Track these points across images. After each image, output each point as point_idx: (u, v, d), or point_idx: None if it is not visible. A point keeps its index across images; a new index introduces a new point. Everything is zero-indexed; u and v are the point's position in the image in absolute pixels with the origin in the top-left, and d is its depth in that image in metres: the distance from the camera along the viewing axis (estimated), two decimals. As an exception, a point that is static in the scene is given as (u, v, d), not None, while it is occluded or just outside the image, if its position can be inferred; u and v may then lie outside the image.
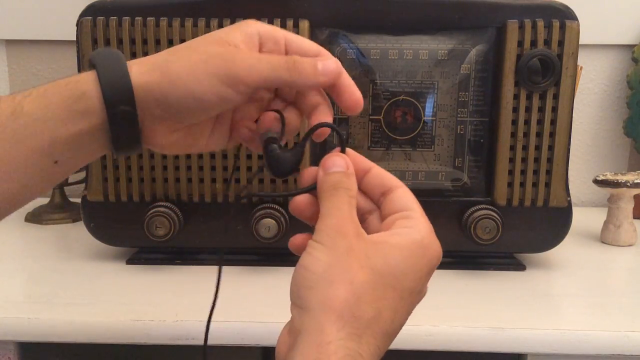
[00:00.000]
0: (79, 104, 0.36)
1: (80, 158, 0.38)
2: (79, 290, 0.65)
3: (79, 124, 0.36)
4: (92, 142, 0.38)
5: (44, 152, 0.36)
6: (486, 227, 0.68)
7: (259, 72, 0.37)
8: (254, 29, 0.40)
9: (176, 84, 0.37)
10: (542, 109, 0.68)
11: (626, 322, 0.58)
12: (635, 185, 0.79)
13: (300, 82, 0.39)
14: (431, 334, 0.57)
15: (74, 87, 0.36)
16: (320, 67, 0.38)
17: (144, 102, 0.37)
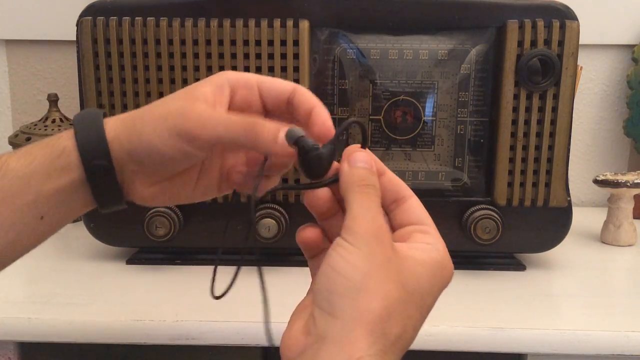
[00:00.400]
0: (60, 160, 0.37)
1: (65, 213, 0.39)
2: (79, 290, 0.65)
3: (61, 180, 0.37)
4: (75, 197, 0.39)
5: (30, 208, 0.37)
6: (486, 227, 0.68)
7: (213, 130, 0.37)
8: (224, 79, 0.39)
9: (141, 139, 0.37)
10: (542, 109, 0.68)
11: (626, 322, 0.58)
12: (635, 185, 0.79)
13: (257, 147, 0.37)
14: (431, 334, 0.57)
15: (56, 144, 0.38)
16: (280, 139, 0.36)
17: (119, 156, 0.38)
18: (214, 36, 0.66)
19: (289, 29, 0.66)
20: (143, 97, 0.67)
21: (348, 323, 0.31)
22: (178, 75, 0.67)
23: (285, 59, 0.66)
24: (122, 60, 0.67)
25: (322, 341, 0.32)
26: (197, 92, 0.38)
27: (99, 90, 0.68)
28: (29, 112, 1.03)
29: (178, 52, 0.66)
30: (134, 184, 0.40)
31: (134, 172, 0.39)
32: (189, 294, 0.64)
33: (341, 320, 0.31)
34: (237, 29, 0.66)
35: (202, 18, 0.66)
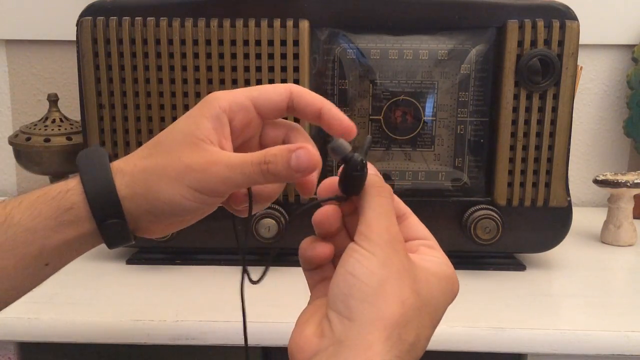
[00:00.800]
0: (68, 215, 0.37)
1: (70, 258, 0.40)
2: (79, 290, 0.65)
3: (69, 233, 0.38)
4: (82, 245, 0.40)
5: (34, 259, 0.38)
6: (486, 227, 0.68)
7: (234, 182, 0.37)
8: (218, 109, 0.39)
9: (160, 198, 0.38)
10: (542, 109, 0.68)
11: (626, 322, 0.58)
12: (635, 185, 0.79)
13: (276, 182, 0.39)
14: (431, 334, 0.57)
15: (63, 199, 0.38)
16: (293, 163, 0.37)
17: (134, 212, 0.38)
18: (214, 36, 0.66)
19: (289, 29, 0.66)
20: (143, 97, 0.67)
21: (366, 327, 0.31)
22: (178, 75, 0.67)
23: (285, 59, 0.66)
24: (122, 60, 0.67)
25: (339, 344, 0.32)
26: (200, 134, 0.38)
27: (99, 90, 0.68)
28: (29, 112, 1.03)
29: (178, 52, 0.66)
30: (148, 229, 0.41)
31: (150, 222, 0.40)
32: (189, 294, 0.64)
33: (359, 323, 0.32)
34: (237, 29, 0.66)
35: (202, 18, 0.66)
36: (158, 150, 0.39)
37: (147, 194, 0.38)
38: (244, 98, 0.40)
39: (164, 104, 0.68)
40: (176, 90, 0.67)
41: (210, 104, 0.39)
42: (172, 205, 0.38)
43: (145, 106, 0.68)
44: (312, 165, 0.37)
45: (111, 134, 0.68)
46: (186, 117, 0.40)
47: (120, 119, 0.68)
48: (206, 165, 0.37)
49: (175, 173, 0.38)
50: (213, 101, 0.39)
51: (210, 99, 0.40)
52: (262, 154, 0.37)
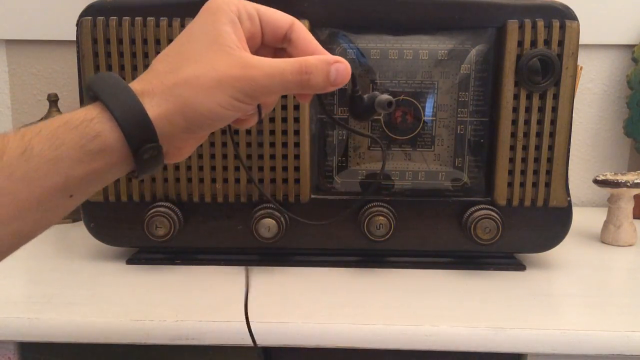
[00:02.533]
0: (94, 144, 0.36)
1: (95, 188, 0.39)
2: (79, 290, 0.65)
3: (95, 163, 0.36)
4: (110, 174, 0.38)
5: (58, 190, 0.36)
6: (486, 227, 0.68)
7: (273, 89, 0.38)
8: (231, 13, 0.39)
9: (199, 108, 0.37)
10: (542, 109, 0.68)
11: (626, 322, 0.58)
12: (635, 185, 0.79)
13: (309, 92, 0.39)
14: (431, 334, 0.57)
15: (87, 127, 0.36)
16: (332, 77, 0.38)
17: (168, 133, 0.37)
18: (214, 36, 0.66)
19: (289, 29, 0.66)
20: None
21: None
22: (178, 75, 0.67)
23: (285, 59, 0.66)
24: (122, 60, 0.67)
25: None
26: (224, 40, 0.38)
27: (99, 90, 0.68)
28: (29, 112, 1.03)
29: (178, 52, 0.66)
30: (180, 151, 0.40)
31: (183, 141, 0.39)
32: (189, 294, 0.64)
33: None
34: (237, 29, 0.66)
35: (202, 18, 0.66)
36: (184, 61, 0.38)
37: (183, 109, 0.37)
38: (252, 8, 0.40)
39: (164, 104, 0.68)
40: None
41: (222, 9, 0.39)
42: (212, 116, 0.37)
43: (145, 106, 0.68)
44: (348, 78, 0.39)
45: (111, 134, 0.68)
46: (202, 24, 0.39)
47: (120, 119, 0.68)
48: (244, 73, 0.37)
49: (213, 82, 0.37)
50: (223, 5, 0.39)
51: (220, 2, 0.40)
52: (300, 64, 0.38)
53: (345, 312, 0.60)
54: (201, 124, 0.38)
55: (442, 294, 0.65)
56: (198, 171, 0.69)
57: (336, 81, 0.38)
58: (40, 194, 0.35)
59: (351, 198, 0.70)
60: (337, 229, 0.71)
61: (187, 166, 0.69)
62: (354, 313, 0.60)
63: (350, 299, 0.63)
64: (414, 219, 0.70)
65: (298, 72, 0.38)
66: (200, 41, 0.38)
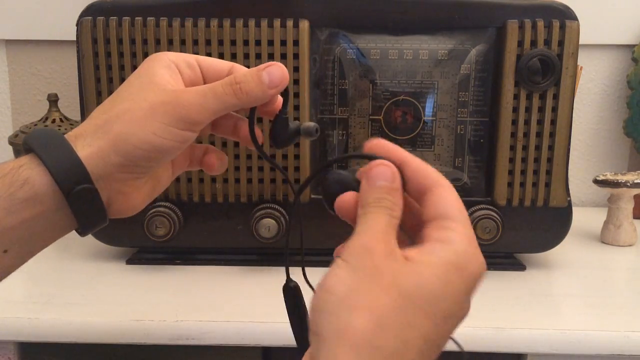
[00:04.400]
0: (23, 191, 0.34)
1: (34, 244, 0.37)
2: (79, 290, 0.65)
3: (25, 212, 0.34)
4: (46, 227, 0.36)
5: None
6: (486, 227, 0.68)
7: (209, 109, 0.36)
8: (168, 60, 0.39)
9: (132, 141, 0.35)
10: (542, 109, 0.68)
11: (626, 322, 0.58)
12: (635, 185, 0.79)
13: (250, 102, 0.38)
14: (431, 334, 0.57)
15: (16, 174, 0.34)
16: (266, 79, 0.37)
17: (103, 173, 0.36)
18: (214, 36, 0.66)
19: (289, 29, 0.66)
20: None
21: (332, 342, 0.28)
22: (178, 75, 0.67)
23: (285, 59, 0.66)
24: (122, 60, 0.67)
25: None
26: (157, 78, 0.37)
27: (99, 90, 0.68)
28: (29, 112, 1.03)
29: (178, 52, 0.66)
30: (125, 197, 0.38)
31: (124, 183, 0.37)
32: (189, 294, 0.64)
33: (326, 340, 0.28)
34: (237, 29, 0.66)
35: (202, 18, 0.66)
36: (116, 102, 0.37)
37: (115, 144, 0.35)
38: (190, 57, 0.40)
39: (164, 104, 0.68)
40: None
41: (158, 58, 0.39)
42: (147, 147, 0.35)
43: (145, 106, 0.68)
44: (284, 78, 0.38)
45: (111, 134, 0.68)
46: (139, 72, 0.38)
47: (120, 119, 0.68)
48: (175, 97, 0.36)
49: (144, 112, 0.35)
50: (162, 55, 0.39)
51: (158, 54, 0.39)
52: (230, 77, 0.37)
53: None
54: (136, 157, 0.36)
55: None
56: (198, 171, 0.69)
57: (272, 82, 0.37)
58: None
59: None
60: (337, 229, 0.71)
61: (187, 166, 0.69)
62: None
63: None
64: (414, 219, 0.70)
65: (229, 83, 0.37)
66: (135, 84, 0.38)
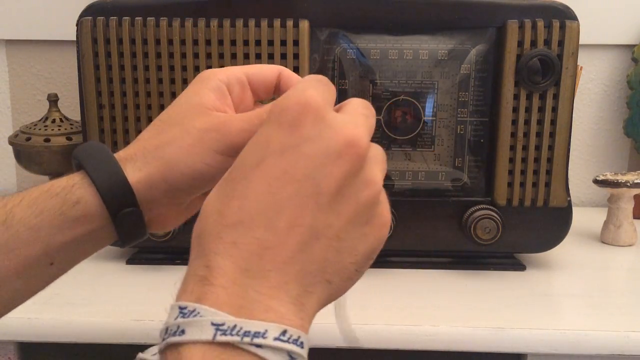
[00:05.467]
0: (75, 211, 0.35)
1: (78, 257, 0.38)
2: (79, 290, 0.65)
3: (76, 230, 0.36)
4: (91, 243, 0.37)
5: (38, 258, 0.35)
6: (486, 227, 0.68)
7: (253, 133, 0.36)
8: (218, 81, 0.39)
9: (180, 168, 0.36)
10: (542, 109, 0.68)
11: (626, 322, 0.58)
12: (635, 185, 0.79)
13: None
14: (431, 334, 0.57)
15: (69, 194, 0.35)
16: None
17: (149, 197, 0.37)
18: (214, 36, 0.66)
19: (289, 29, 0.66)
20: (143, 97, 0.67)
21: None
22: (178, 75, 0.67)
23: (285, 59, 0.66)
24: (122, 60, 0.67)
25: None
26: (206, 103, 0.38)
27: (99, 90, 0.68)
28: (29, 112, 1.03)
29: (178, 52, 0.66)
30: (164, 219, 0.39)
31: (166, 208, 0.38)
32: (189, 294, 0.64)
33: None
34: (237, 29, 0.66)
35: (202, 18, 0.66)
36: (166, 126, 0.38)
37: (164, 171, 0.36)
38: (239, 73, 0.40)
39: (164, 104, 0.68)
40: (176, 91, 0.67)
41: (208, 78, 0.39)
42: (194, 174, 0.36)
43: (146, 106, 0.68)
44: None
45: (111, 134, 0.68)
46: (187, 92, 0.39)
47: (120, 119, 0.68)
48: (221, 125, 0.36)
49: (192, 140, 0.36)
50: (211, 75, 0.39)
51: (208, 73, 0.39)
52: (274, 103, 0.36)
53: (345, 312, 0.60)
54: (181, 183, 0.37)
55: (442, 294, 0.65)
56: (198, 171, 0.69)
57: None
58: (18, 263, 0.35)
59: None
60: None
61: (187, 166, 0.69)
62: (354, 313, 0.59)
63: (350, 299, 0.63)
64: (414, 219, 0.70)
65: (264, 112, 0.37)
66: (183, 107, 0.38)
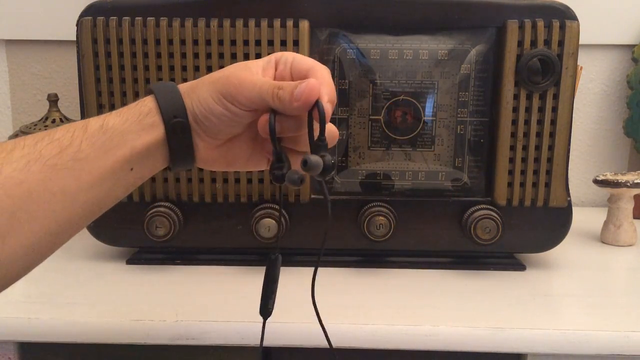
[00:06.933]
0: (147, 119, 0.43)
1: (147, 168, 0.44)
2: (79, 290, 0.65)
3: (149, 136, 0.43)
4: (156, 154, 0.44)
5: (125, 160, 0.42)
6: (486, 227, 0.68)
7: (249, 95, 0.43)
8: (273, 56, 0.47)
9: (198, 96, 0.44)
10: (542, 109, 0.68)
11: (626, 322, 0.58)
12: (635, 185, 0.79)
13: (281, 108, 0.43)
14: (431, 334, 0.57)
15: (142, 106, 0.43)
16: (296, 92, 0.42)
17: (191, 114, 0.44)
18: (214, 36, 0.66)
19: (289, 29, 0.66)
20: (143, 97, 0.67)
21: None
22: (178, 75, 0.67)
23: (285, 59, 0.66)
24: (122, 60, 0.67)
25: None
26: (251, 64, 0.45)
27: (99, 90, 0.68)
28: (29, 112, 1.03)
29: (178, 52, 0.66)
30: (197, 146, 0.45)
31: (196, 134, 0.44)
32: (189, 294, 0.64)
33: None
34: (237, 29, 0.66)
35: (202, 18, 0.66)
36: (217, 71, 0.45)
37: (192, 99, 0.44)
38: (290, 56, 0.46)
39: (164, 104, 0.68)
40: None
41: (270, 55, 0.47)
42: (206, 109, 0.43)
43: (145, 106, 0.68)
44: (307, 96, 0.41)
45: (111, 134, 0.68)
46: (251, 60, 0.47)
47: (120, 119, 0.68)
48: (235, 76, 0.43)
49: (211, 81, 0.44)
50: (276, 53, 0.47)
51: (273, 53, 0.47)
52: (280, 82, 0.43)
53: (346, 312, 0.60)
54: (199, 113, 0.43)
55: (442, 294, 0.65)
56: (198, 171, 0.69)
57: (298, 96, 0.41)
58: (113, 162, 0.41)
59: (351, 198, 0.70)
60: (337, 229, 0.71)
61: (187, 166, 0.69)
62: (354, 313, 0.60)
63: (351, 299, 0.63)
64: (414, 219, 0.70)
65: (274, 86, 0.42)
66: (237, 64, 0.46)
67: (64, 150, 0.40)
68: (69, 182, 0.40)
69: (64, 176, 0.40)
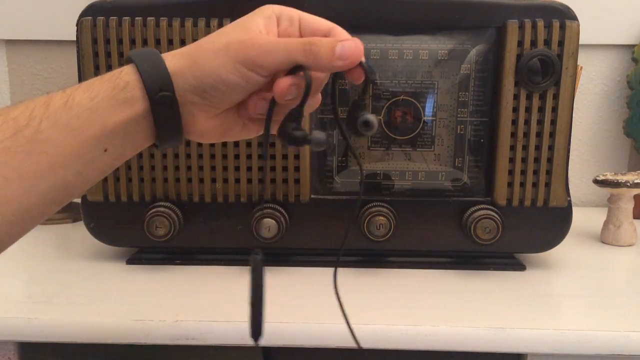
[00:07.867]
0: (124, 93, 0.39)
1: (127, 147, 0.41)
2: (79, 290, 0.65)
3: (125, 113, 0.39)
4: (137, 130, 0.40)
5: (95, 140, 0.38)
6: (486, 227, 0.68)
7: (276, 57, 0.39)
8: (271, 11, 0.43)
9: (205, 68, 0.40)
10: (542, 109, 0.68)
11: (626, 322, 0.58)
12: (635, 185, 0.79)
13: (316, 66, 0.40)
14: (431, 334, 0.57)
15: (118, 78, 0.39)
16: (338, 50, 0.39)
17: (181, 89, 0.40)
18: (214, 36, 0.66)
19: (289, 29, 0.66)
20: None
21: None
22: (178, 75, 0.67)
23: (285, 59, 0.66)
24: (122, 61, 0.67)
25: None
26: (251, 24, 0.41)
27: (99, 90, 0.68)
28: (29, 112, 1.03)
29: (178, 52, 0.66)
30: (194, 117, 0.42)
31: (195, 106, 0.41)
32: (189, 294, 0.64)
33: None
34: (237, 29, 0.66)
35: (202, 18, 0.66)
36: (212, 35, 0.42)
37: (193, 66, 0.40)
38: (294, 13, 0.43)
39: (164, 104, 0.68)
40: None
41: (265, 8, 0.43)
42: (215, 77, 0.40)
43: (145, 106, 0.68)
44: (356, 55, 0.39)
45: (111, 134, 0.68)
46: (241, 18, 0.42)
47: (120, 119, 0.68)
48: (249, 38, 0.40)
49: (221, 46, 0.40)
50: (268, 7, 0.43)
51: (266, 6, 0.43)
52: (309, 38, 0.40)
53: (346, 312, 0.60)
54: (206, 84, 0.40)
55: (442, 294, 0.65)
56: (198, 171, 0.69)
57: (342, 55, 0.39)
58: (81, 142, 0.38)
59: (351, 198, 0.70)
60: (337, 229, 0.71)
61: (187, 166, 0.69)
62: (354, 313, 0.60)
63: (351, 299, 0.63)
64: (414, 219, 0.70)
65: (303, 42, 0.39)
66: (232, 26, 0.42)
67: (19, 132, 0.36)
68: (26, 165, 0.36)
69: (20, 159, 0.36)
